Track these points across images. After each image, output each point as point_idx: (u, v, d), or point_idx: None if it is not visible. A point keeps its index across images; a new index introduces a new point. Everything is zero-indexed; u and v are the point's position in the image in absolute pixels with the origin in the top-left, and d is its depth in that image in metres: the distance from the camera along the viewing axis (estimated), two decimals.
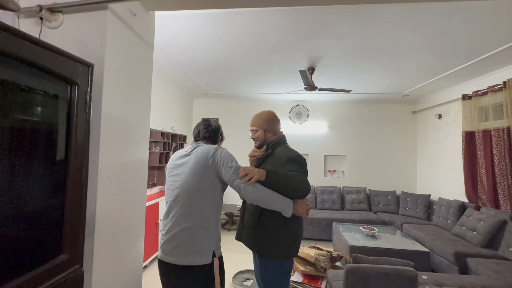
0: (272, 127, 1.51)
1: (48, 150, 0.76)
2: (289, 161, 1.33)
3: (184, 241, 1.11)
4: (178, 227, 1.12)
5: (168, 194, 1.20)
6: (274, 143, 1.48)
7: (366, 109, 5.06)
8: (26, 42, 0.61)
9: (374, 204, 4.47)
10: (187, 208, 1.13)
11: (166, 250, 1.13)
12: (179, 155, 1.26)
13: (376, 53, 2.65)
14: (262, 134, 1.50)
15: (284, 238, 1.35)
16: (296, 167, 1.31)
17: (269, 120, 1.51)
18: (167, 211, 1.19)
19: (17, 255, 0.66)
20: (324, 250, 2.81)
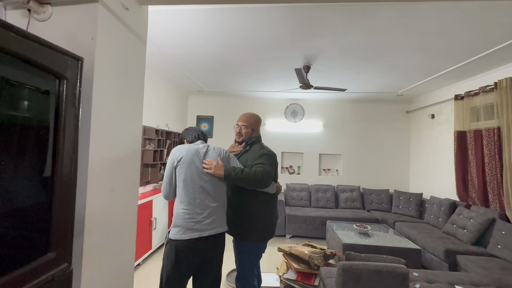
0: (258, 128, 1.78)
1: (36, 146, 0.74)
2: (262, 156, 1.59)
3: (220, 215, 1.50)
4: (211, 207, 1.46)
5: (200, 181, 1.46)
6: (252, 141, 1.72)
7: (360, 109, 5.09)
8: (12, 34, 0.59)
9: (367, 202, 4.52)
10: (214, 193, 1.48)
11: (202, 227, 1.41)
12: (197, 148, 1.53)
13: (371, 52, 2.66)
14: (249, 132, 1.73)
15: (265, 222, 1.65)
16: (264, 159, 1.57)
17: (258, 122, 1.79)
18: (195, 195, 1.43)
19: (3, 253, 0.64)
20: (318, 248, 2.83)
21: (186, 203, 1.41)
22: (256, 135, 1.76)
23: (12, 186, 0.70)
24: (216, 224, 1.46)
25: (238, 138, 1.74)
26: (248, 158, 1.64)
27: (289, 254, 2.67)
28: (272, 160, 1.61)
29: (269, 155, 1.62)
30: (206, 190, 1.45)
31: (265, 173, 1.49)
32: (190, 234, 1.37)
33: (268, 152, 1.63)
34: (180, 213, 1.40)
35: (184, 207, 1.40)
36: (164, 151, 3.87)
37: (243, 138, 1.72)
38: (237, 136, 1.75)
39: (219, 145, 1.75)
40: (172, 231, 1.40)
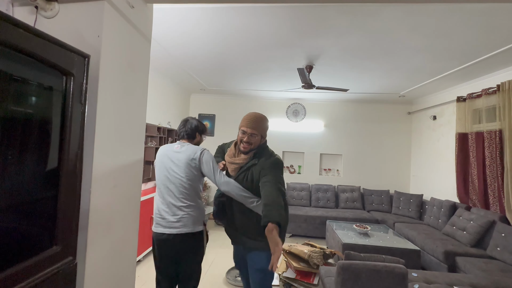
0: (265, 134, 1.50)
1: (42, 141, 0.75)
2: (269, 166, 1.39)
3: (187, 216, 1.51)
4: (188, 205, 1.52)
5: (166, 181, 1.53)
6: (260, 150, 1.46)
7: (362, 109, 5.09)
8: (21, 30, 0.60)
9: (367, 203, 4.52)
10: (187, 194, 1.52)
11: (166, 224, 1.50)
12: (171, 149, 1.57)
13: (374, 53, 2.67)
14: (259, 140, 1.44)
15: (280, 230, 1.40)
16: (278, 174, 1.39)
17: (267, 126, 1.50)
18: (163, 194, 1.53)
19: (9, 246, 0.65)
20: (317, 247, 2.84)
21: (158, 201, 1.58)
22: (264, 140, 1.51)
23: (19, 180, 0.72)
24: (183, 224, 1.49)
25: (245, 148, 1.43)
26: (255, 173, 1.41)
27: (288, 252, 2.69)
28: (280, 167, 1.44)
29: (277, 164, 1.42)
30: (171, 193, 1.52)
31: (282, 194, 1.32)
32: (156, 229, 1.53)
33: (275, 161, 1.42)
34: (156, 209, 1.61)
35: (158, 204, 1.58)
36: None
37: (251, 148, 1.43)
38: (244, 145, 1.42)
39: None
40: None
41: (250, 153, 1.45)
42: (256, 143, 1.43)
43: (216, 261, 3.04)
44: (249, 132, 1.41)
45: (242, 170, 1.45)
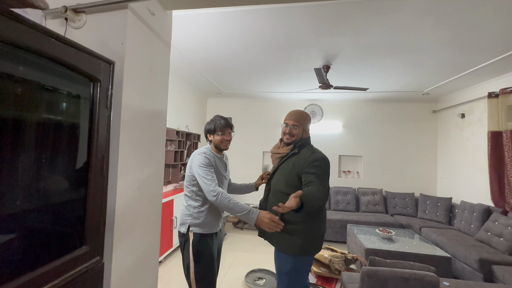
0: (308, 128, 1.58)
1: (72, 145, 0.78)
2: (314, 163, 1.37)
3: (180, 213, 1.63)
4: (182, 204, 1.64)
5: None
6: (301, 143, 1.51)
7: (383, 108, 4.91)
8: (53, 40, 0.64)
9: (390, 206, 4.33)
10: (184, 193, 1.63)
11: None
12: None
13: (395, 49, 2.56)
14: (300, 132, 1.53)
15: (305, 235, 1.39)
16: (316, 169, 1.35)
17: (309, 121, 1.58)
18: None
19: (43, 245, 0.68)
20: (339, 252, 2.75)
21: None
22: (307, 135, 1.57)
23: (52, 182, 0.75)
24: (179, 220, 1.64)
25: (288, 139, 1.52)
26: (296, 163, 1.43)
27: None
28: (326, 168, 1.41)
29: (322, 163, 1.39)
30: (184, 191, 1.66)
31: (324, 193, 1.29)
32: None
33: (320, 159, 1.40)
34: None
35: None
36: (184, 152, 3.97)
37: (293, 139, 1.51)
38: (287, 137, 1.53)
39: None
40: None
41: (292, 145, 1.52)
42: (298, 135, 1.52)
43: (234, 264, 3.03)
44: (291, 124, 1.52)
45: (283, 160, 1.52)
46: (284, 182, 1.46)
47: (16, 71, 0.65)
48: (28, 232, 0.67)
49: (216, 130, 1.62)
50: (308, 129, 1.57)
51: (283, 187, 1.46)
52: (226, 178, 1.71)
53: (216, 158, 1.62)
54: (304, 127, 1.53)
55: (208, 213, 1.57)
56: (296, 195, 1.17)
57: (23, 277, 0.59)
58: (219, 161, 1.65)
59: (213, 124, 1.63)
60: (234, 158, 4.67)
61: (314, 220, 1.42)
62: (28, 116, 0.66)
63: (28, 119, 0.66)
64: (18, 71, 0.65)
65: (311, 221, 1.40)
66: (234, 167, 4.24)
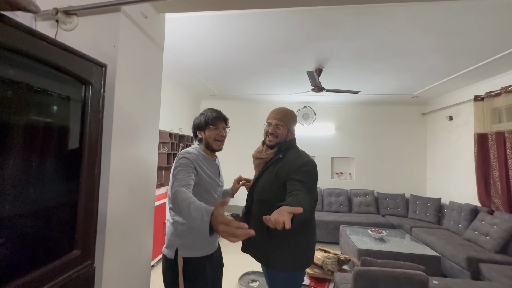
0: (294, 128, 1.40)
1: (63, 148, 0.78)
2: (300, 169, 1.20)
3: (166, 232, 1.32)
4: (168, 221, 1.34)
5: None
6: (286, 146, 1.34)
7: (374, 111, 5.00)
8: (44, 43, 0.63)
9: (382, 207, 4.40)
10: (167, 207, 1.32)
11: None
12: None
13: (385, 54, 2.62)
14: (285, 133, 1.34)
15: (295, 247, 1.24)
16: (303, 175, 1.18)
17: (295, 120, 1.39)
18: None
19: (32, 250, 0.67)
20: (332, 253, 2.78)
21: None
22: (292, 137, 1.39)
23: (43, 187, 0.74)
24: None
25: (271, 141, 1.34)
26: (281, 168, 1.26)
27: None
28: (314, 174, 1.24)
29: (309, 168, 1.23)
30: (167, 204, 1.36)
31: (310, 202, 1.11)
32: None
33: (308, 163, 1.24)
34: None
35: None
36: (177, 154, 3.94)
37: (277, 141, 1.33)
38: (269, 138, 1.34)
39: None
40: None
41: (276, 148, 1.35)
42: (282, 136, 1.33)
43: (228, 266, 3.01)
44: (274, 123, 1.34)
45: (267, 165, 1.33)
46: (269, 190, 1.28)
47: (6, 74, 0.64)
48: (17, 237, 0.66)
49: (208, 124, 1.32)
50: (293, 130, 1.39)
51: (268, 196, 1.27)
52: (220, 185, 1.40)
53: (204, 160, 1.31)
54: (289, 127, 1.35)
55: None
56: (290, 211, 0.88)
57: (13, 282, 0.58)
58: (209, 164, 1.33)
59: (203, 117, 1.33)
60: (226, 162, 4.63)
61: (306, 232, 1.27)
62: (18, 119, 0.65)
63: (17, 122, 0.65)
64: (9, 73, 0.65)
65: (303, 233, 1.26)
66: (226, 171, 4.23)
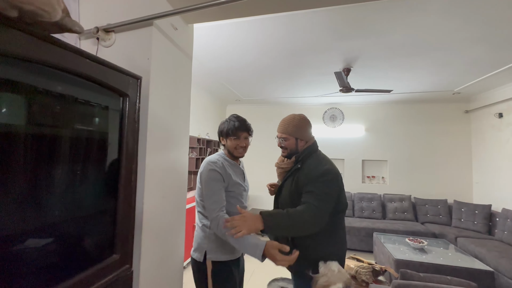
0: (305, 134, 1.33)
1: (103, 157, 0.83)
2: (316, 179, 1.17)
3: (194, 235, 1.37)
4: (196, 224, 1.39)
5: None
6: (304, 154, 1.29)
7: (409, 110, 4.67)
8: (88, 61, 0.68)
9: (421, 213, 4.06)
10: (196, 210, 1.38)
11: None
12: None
13: (420, 49, 2.44)
14: (293, 143, 1.32)
15: (322, 257, 1.18)
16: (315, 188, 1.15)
17: (302, 126, 1.32)
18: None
19: (78, 254, 0.72)
20: (365, 262, 2.62)
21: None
22: (305, 145, 1.33)
23: (86, 193, 0.80)
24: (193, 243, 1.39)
25: (284, 153, 1.37)
26: (299, 179, 1.23)
27: None
28: (331, 184, 1.18)
29: (326, 178, 1.18)
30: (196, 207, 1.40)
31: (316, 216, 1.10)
32: None
33: (324, 174, 1.18)
34: None
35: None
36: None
37: (288, 152, 1.34)
38: (282, 151, 1.37)
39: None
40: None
41: (294, 157, 1.33)
42: (291, 147, 1.32)
43: (256, 272, 3.00)
44: (279, 136, 1.36)
45: (287, 175, 1.33)
46: (289, 200, 1.27)
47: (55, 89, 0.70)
48: (65, 241, 0.71)
49: (229, 134, 1.32)
50: (305, 136, 1.32)
51: (289, 206, 1.24)
52: (246, 189, 1.41)
53: (230, 167, 1.34)
54: (296, 136, 1.30)
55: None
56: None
57: (61, 284, 0.62)
58: (234, 170, 1.36)
59: (225, 126, 1.34)
60: (253, 167, 4.66)
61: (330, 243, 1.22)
62: (65, 132, 0.71)
63: (64, 134, 0.70)
64: (57, 89, 0.71)
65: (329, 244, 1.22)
66: (252, 176, 4.23)
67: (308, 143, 1.34)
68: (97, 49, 1.06)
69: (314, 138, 1.39)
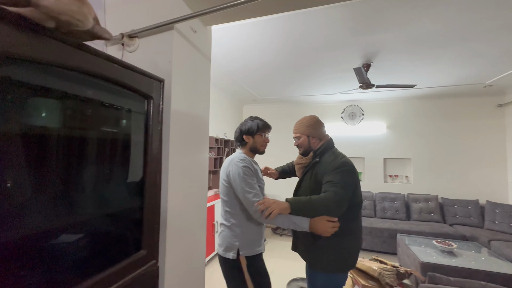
0: (316, 132, 1.47)
1: (130, 157, 0.87)
2: (334, 170, 1.29)
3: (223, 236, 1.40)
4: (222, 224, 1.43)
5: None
6: (321, 150, 1.43)
7: (434, 105, 4.43)
8: (116, 65, 0.72)
9: (449, 215, 3.84)
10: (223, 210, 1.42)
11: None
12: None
13: (447, 40, 2.30)
14: (305, 141, 1.47)
15: (338, 250, 1.30)
16: (335, 176, 1.27)
17: (312, 125, 1.47)
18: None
19: (109, 249, 0.76)
20: (389, 265, 2.52)
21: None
22: (319, 142, 1.47)
23: (115, 191, 0.84)
24: (218, 242, 1.43)
25: (300, 151, 1.52)
26: (319, 172, 1.37)
27: (354, 268, 2.46)
28: (347, 173, 1.30)
29: (344, 169, 1.29)
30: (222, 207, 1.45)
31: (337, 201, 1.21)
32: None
33: (341, 165, 1.30)
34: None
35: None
36: (223, 158, 4.11)
37: (304, 150, 1.49)
38: (298, 150, 1.53)
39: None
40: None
41: (312, 153, 1.46)
42: (304, 145, 1.47)
43: (275, 272, 2.99)
44: (293, 136, 1.53)
45: (306, 170, 1.47)
46: (309, 193, 1.38)
47: (86, 94, 0.75)
48: (97, 237, 0.75)
49: (259, 130, 1.46)
50: (317, 134, 1.46)
51: None
52: (263, 184, 1.53)
53: (254, 164, 1.47)
54: (308, 134, 1.45)
55: (256, 227, 1.39)
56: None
57: (95, 276, 0.66)
58: (256, 167, 1.50)
59: (254, 124, 1.47)
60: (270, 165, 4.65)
61: (348, 234, 1.32)
62: (95, 134, 0.75)
63: (95, 137, 0.75)
64: (88, 94, 0.75)
65: (344, 235, 1.30)
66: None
67: (322, 141, 1.47)
68: (122, 55, 1.11)
69: (329, 136, 1.51)
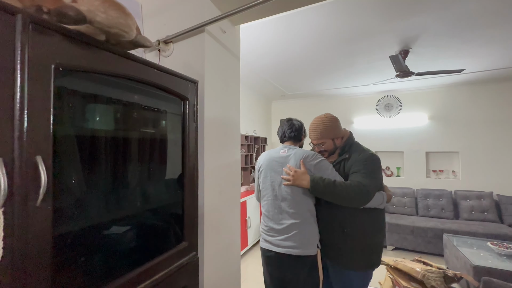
0: (338, 131, 1.42)
1: (171, 156, 0.93)
2: (361, 162, 1.30)
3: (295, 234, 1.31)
4: (288, 222, 1.33)
5: (269, 190, 1.42)
6: (348, 145, 1.41)
7: (485, 92, 3.94)
8: (156, 71, 0.77)
9: (507, 214, 3.42)
10: (291, 208, 1.34)
11: (274, 241, 1.35)
12: (276, 155, 1.45)
13: (501, 16, 2.03)
14: (331, 144, 1.41)
15: (368, 247, 1.31)
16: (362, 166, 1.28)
17: (332, 125, 1.41)
18: (270, 206, 1.41)
19: (156, 240, 0.83)
20: (434, 267, 2.33)
21: (263, 213, 1.47)
22: (342, 141, 1.43)
23: (159, 187, 0.91)
24: (289, 243, 1.30)
25: (324, 155, 1.44)
26: (347, 166, 1.36)
27: (394, 268, 2.33)
28: (374, 167, 1.30)
29: (370, 161, 1.30)
30: (280, 206, 1.36)
31: (361, 189, 1.20)
32: (264, 244, 1.43)
33: (369, 158, 1.31)
34: (261, 221, 1.49)
35: (263, 216, 1.47)
36: (253, 155, 4.16)
37: (328, 153, 1.44)
38: (322, 154, 1.44)
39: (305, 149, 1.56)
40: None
41: (338, 150, 1.44)
42: (330, 147, 1.42)
43: None
44: (315, 143, 1.44)
45: (333, 165, 1.43)
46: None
47: (132, 99, 0.82)
48: (144, 229, 0.83)
49: (305, 136, 1.55)
50: (339, 133, 1.42)
51: None
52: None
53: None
54: (331, 136, 1.40)
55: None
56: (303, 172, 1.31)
57: (145, 265, 0.73)
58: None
59: (303, 127, 1.55)
60: None
61: (378, 231, 1.34)
62: (142, 135, 0.82)
63: (142, 138, 0.82)
64: (134, 98, 0.82)
65: (376, 232, 1.33)
66: None
67: (345, 138, 1.44)
68: (159, 60, 1.19)
69: (347, 130, 1.49)
